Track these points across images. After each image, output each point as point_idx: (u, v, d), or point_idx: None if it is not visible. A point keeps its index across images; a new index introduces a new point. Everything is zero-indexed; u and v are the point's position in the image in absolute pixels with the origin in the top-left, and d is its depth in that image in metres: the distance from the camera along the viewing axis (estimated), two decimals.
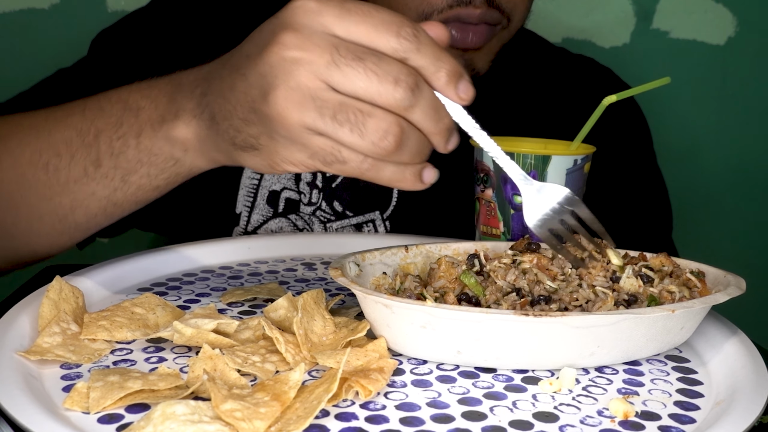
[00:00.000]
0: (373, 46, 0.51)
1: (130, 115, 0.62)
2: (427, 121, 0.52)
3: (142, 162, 0.62)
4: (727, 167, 1.50)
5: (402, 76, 0.50)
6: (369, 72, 0.50)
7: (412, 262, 0.68)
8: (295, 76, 0.51)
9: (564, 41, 1.44)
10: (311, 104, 0.51)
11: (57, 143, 0.65)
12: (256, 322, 0.60)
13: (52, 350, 0.55)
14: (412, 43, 0.51)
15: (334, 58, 0.50)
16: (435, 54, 0.52)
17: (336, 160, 0.53)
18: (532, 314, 0.52)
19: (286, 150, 0.54)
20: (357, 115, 0.51)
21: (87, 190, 0.65)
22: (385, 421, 0.49)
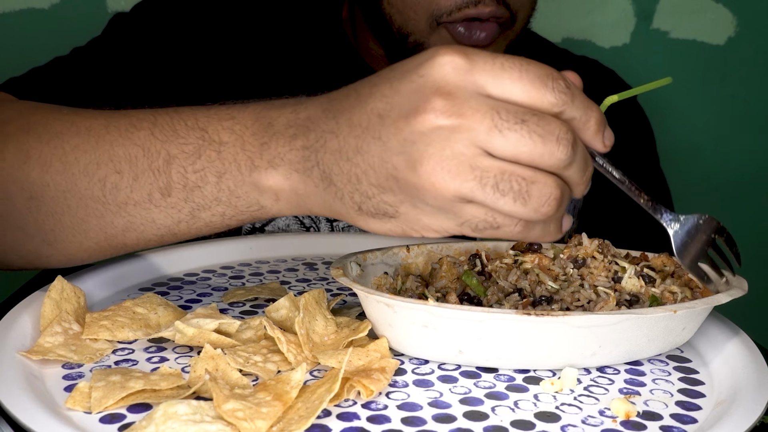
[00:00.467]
0: (532, 104, 0.48)
1: (210, 149, 0.56)
2: (578, 174, 0.50)
3: (219, 201, 0.57)
4: (726, 167, 1.50)
5: (563, 134, 0.48)
6: (533, 134, 0.47)
7: (414, 261, 0.68)
8: (451, 144, 0.47)
9: (564, 41, 1.44)
10: (470, 174, 0.47)
11: (119, 159, 0.59)
12: (258, 322, 0.60)
13: (54, 350, 0.55)
14: (567, 95, 0.48)
15: (495, 123, 0.47)
16: (585, 104, 0.50)
17: (489, 227, 0.50)
18: (533, 314, 0.52)
19: (430, 218, 0.50)
20: (521, 183, 0.48)
21: (147, 216, 0.59)
22: (386, 420, 0.49)
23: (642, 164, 1.04)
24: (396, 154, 0.49)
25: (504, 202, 0.48)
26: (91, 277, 0.70)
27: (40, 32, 1.36)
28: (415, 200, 0.50)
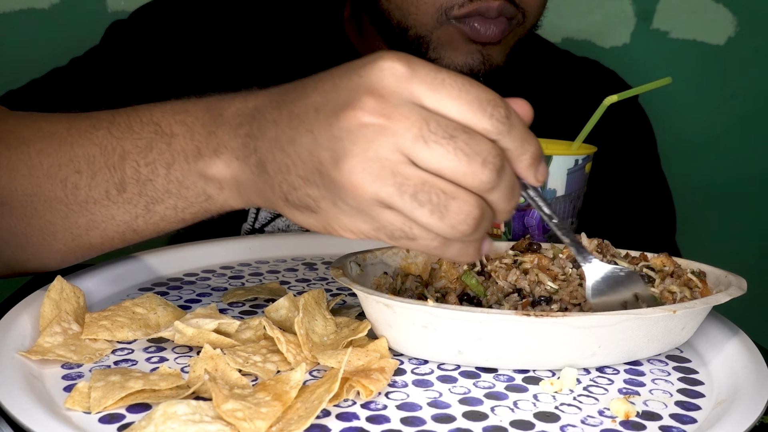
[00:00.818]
0: (465, 123, 0.47)
1: (161, 141, 0.58)
2: (502, 202, 0.50)
3: (170, 193, 0.58)
4: (727, 167, 1.50)
5: (490, 158, 0.47)
6: (459, 152, 0.47)
7: (413, 261, 0.68)
8: (375, 146, 0.47)
9: (564, 41, 1.44)
10: (390, 179, 0.47)
11: (78, 159, 0.61)
12: (257, 322, 0.60)
13: (54, 350, 0.55)
14: (505, 125, 0.48)
15: (422, 133, 0.46)
16: (523, 136, 0.49)
17: (405, 236, 0.49)
18: (533, 314, 0.52)
19: (348, 219, 0.50)
20: (440, 196, 0.47)
21: (106, 213, 0.61)
22: (386, 421, 0.49)
23: (643, 165, 1.05)
24: (324, 149, 0.49)
25: (421, 213, 0.48)
26: (90, 277, 0.70)
27: (40, 32, 1.36)
28: (335, 198, 0.50)
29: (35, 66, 1.35)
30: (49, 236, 0.64)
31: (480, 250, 0.52)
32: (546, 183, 0.73)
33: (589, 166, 0.76)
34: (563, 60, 1.09)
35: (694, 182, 1.50)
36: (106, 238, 0.63)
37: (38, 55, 1.36)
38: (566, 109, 1.01)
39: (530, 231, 0.75)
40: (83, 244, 0.64)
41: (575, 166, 0.74)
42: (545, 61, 1.07)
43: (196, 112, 0.58)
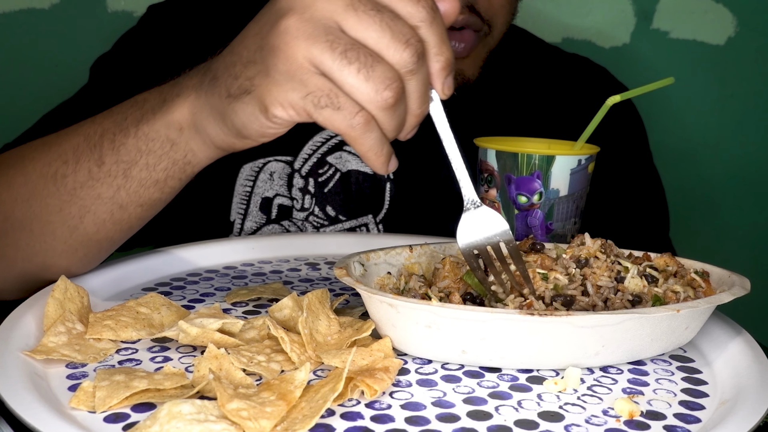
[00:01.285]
0: (391, 5, 0.51)
1: (135, 108, 0.63)
2: (415, 98, 0.53)
3: (140, 151, 0.62)
4: (727, 167, 1.50)
5: (413, 41, 0.51)
6: (384, 25, 0.50)
7: (417, 261, 0.68)
8: (311, 9, 0.50)
9: (564, 41, 1.44)
10: (323, 36, 0.50)
11: (66, 151, 0.66)
12: (261, 322, 0.60)
13: (58, 349, 0.55)
14: (429, 14, 0.51)
15: (353, 2, 0.50)
16: (442, 37, 0.52)
17: (330, 104, 0.51)
18: (537, 314, 0.52)
19: (279, 88, 0.52)
20: (367, 57, 0.50)
21: (93, 193, 0.64)
22: (390, 420, 0.49)
23: (635, 161, 1.04)
24: (266, 24, 0.53)
25: (348, 72, 0.50)
26: (94, 277, 0.70)
27: (40, 32, 1.36)
28: (269, 67, 0.52)
29: (35, 66, 1.35)
30: (50, 237, 0.66)
31: (389, 161, 0.54)
32: (549, 183, 0.73)
33: (592, 166, 0.76)
34: (554, 57, 1.08)
35: (694, 182, 1.50)
36: (98, 222, 0.66)
37: (38, 55, 1.36)
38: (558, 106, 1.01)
39: (533, 231, 0.75)
40: (81, 236, 0.66)
41: (578, 166, 0.74)
42: (535, 58, 1.06)
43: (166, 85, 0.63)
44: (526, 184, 0.74)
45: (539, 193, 0.74)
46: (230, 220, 0.95)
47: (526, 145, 0.79)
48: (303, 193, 0.95)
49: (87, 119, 0.67)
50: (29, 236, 0.67)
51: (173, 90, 0.61)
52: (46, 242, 0.67)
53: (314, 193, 0.95)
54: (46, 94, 0.98)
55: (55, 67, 1.36)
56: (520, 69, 1.04)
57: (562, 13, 1.44)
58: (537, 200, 0.74)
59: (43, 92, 1.06)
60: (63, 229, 0.66)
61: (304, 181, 0.95)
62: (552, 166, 0.73)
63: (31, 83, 1.35)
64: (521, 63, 1.04)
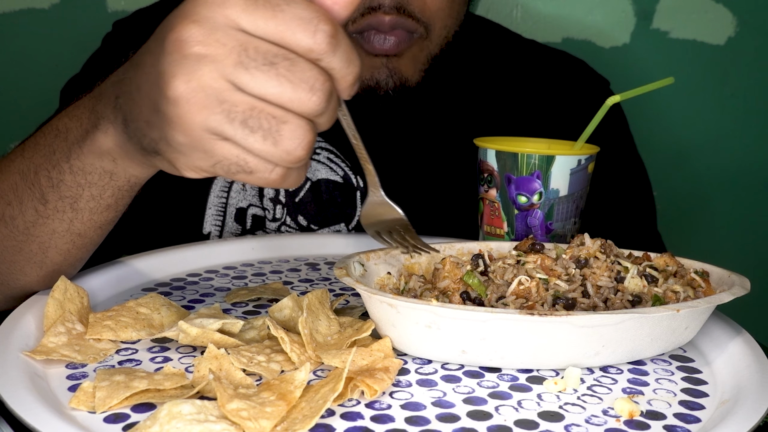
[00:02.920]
0: (285, 45, 0.46)
1: (60, 140, 0.60)
2: (327, 122, 0.50)
3: (80, 185, 0.59)
4: (727, 167, 1.50)
5: (318, 84, 0.47)
6: (282, 78, 0.46)
7: (417, 261, 0.68)
8: (198, 75, 0.46)
9: (564, 41, 1.44)
10: (218, 107, 0.46)
11: (6, 192, 0.63)
12: (261, 322, 0.60)
13: (58, 350, 0.55)
14: (330, 44, 0.47)
15: (242, 59, 0.46)
16: (348, 57, 0.48)
17: (242, 170, 0.49)
18: (537, 314, 0.52)
19: (186, 157, 0.49)
20: (270, 121, 0.47)
21: (47, 230, 0.62)
22: (390, 420, 0.49)
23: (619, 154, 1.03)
24: (155, 87, 0.48)
25: (254, 140, 0.47)
26: (94, 278, 0.70)
27: (40, 32, 1.36)
28: (169, 137, 0.49)
29: (35, 66, 1.35)
30: (20, 273, 0.66)
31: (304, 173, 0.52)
32: (549, 183, 0.73)
33: (591, 166, 0.76)
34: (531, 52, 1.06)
35: (694, 182, 1.49)
36: (62, 252, 0.64)
37: (38, 55, 1.36)
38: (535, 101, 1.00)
39: (533, 231, 0.75)
40: (49, 266, 0.65)
41: (578, 166, 0.74)
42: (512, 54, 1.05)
43: (85, 102, 0.59)
44: (526, 184, 0.74)
45: (539, 193, 0.74)
46: (203, 232, 0.95)
47: (526, 145, 0.79)
48: (274, 203, 0.94)
49: (17, 150, 0.64)
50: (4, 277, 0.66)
51: (91, 120, 0.58)
52: (19, 278, 0.66)
53: (285, 203, 0.95)
54: (46, 94, 0.98)
55: (55, 67, 1.35)
56: (499, 66, 1.03)
57: (562, 13, 1.44)
58: (537, 200, 0.74)
59: (43, 92, 1.06)
60: (30, 265, 0.65)
61: (274, 191, 0.95)
62: (552, 166, 0.73)
63: (31, 83, 1.35)
64: (500, 60, 1.03)
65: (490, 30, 1.05)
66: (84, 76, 0.97)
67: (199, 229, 0.94)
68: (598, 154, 0.76)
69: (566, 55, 1.08)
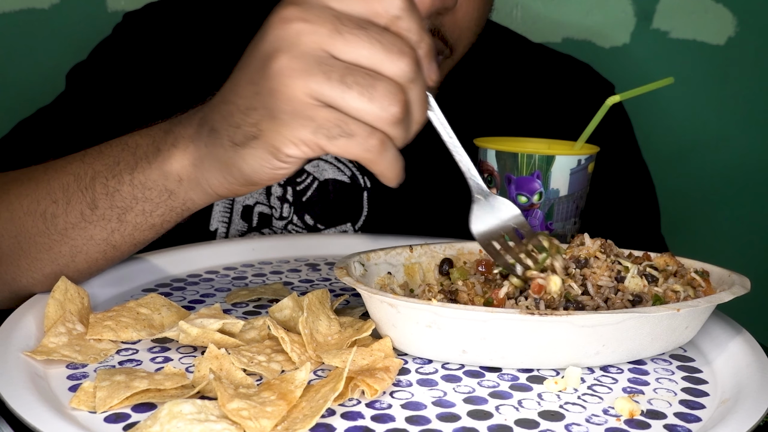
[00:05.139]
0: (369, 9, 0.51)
1: (127, 153, 0.62)
2: (418, 105, 0.52)
3: (136, 198, 0.61)
4: (727, 167, 1.50)
5: (407, 49, 0.51)
6: (373, 41, 0.50)
7: (417, 261, 0.68)
8: (297, 45, 0.50)
9: (564, 41, 1.44)
10: (317, 69, 0.50)
11: (55, 190, 0.64)
12: (262, 322, 0.60)
13: (58, 350, 0.55)
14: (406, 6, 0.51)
15: (337, 27, 0.50)
16: (421, 24, 0.52)
17: (342, 133, 0.51)
18: (537, 313, 0.52)
19: (287, 128, 0.52)
20: (365, 78, 0.50)
21: (85, 234, 0.64)
22: (391, 420, 0.49)
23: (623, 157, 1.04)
24: (256, 71, 0.52)
25: (351, 97, 0.50)
26: (94, 278, 0.70)
27: (40, 32, 1.36)
28: (272, 110, 0.52)
29: (35, 66, 1.35)
30: (38, 273, 0.66)
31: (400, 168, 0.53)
32: (549, 183, 0.73)
33: (591, 166, 0.76)
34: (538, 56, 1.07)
35: (694, 182, 1.49)
36: (90, 260, 0.65)
37: (38, 55, 1.36)
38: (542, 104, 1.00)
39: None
40: (70, 272, 0.66)
41: (578, 166, 0.74)
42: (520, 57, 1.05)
43: (160, 125, 0.61)
44: (526, 184, 0.74)
45: (539, 193, 0.74)
46: (210, 229, 0.95)
47: (526, 145, 0.79)
48: (281, 201, 0.95)
49: (76, 155, 0.66)
50: (16, 270, 0.66)
51: (167, 139, 0.60)
52: (34, 277, 0.66)
53: (292, 202, 0.95)
54: (46, 94, 0.98)
55: (55, 67, 1.36)
56: (507, 69, 1.03)
57: (562, 13, 1.44)
58: (537, 200, 0.74)
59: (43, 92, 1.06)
60: (52, 266, 0.65)
61: (282, 190, 0.95)
62: (552, 166, 0.73)
63: (31, 83, 1.35)
64: (508, 63, 1.04)
65: (496, 33, 1.05)
66: (92, 63, 0.97)
67: (206, 226, 0.95)
68: (601, 155, 0.76)
69: (572, 59, 1.08)
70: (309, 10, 0.51)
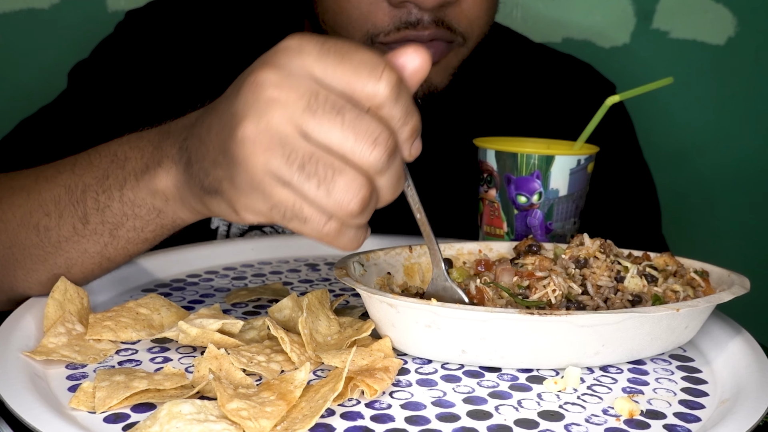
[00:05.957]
0: (351, 89, 0.47)
1: (116, 167, 0.60)
2: (388, 190, 0.50)
3: (127, 215, 0.60)
4: (727, 167, 1.50)
5: (381, 139, 0.47)
6: (346, 126, 0.47)
7: (417, 262, 0.68)
8: (267, 116, 0.47)
9: (564, 41, 1.44)
10: (279, 150, 0.47)
11: (47, 202, 0.63)
12: (261, 322, 0.60)
13: (58, 350, 0.55)
14: (392, 92, 0.47)
15: (310, 104, 0.47)
16: (408, 107, 0.48)
17: (296, 217, 0.49)
18: (536, 313, 0.52)
19: (245, 198, 0.50)
20: (327, 170, 0.47)
21: (79, 248, 0.63)
22: (390, 420, 0.49)
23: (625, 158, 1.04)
24: (226, 126, 0.49)
25: (308, 187, 0.47)
26: None
27: (40, 32, 1.36)
28: (234, 175, 0.49)
29: (35, 66, 1.35)
30: (34, 282, 0.65)
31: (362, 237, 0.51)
32: (549, 183, 0.73)
33: (591, 166, 0.76)
34: (540, 56, 1.07)
35: (694, 182, 1.50)
36: (86, 271, 0.65)
37: (38, 55, 1.36)
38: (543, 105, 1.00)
39: (533, 231, 0.75)
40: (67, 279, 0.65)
41: (577, 166, 0.74)
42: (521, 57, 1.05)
43: (149, 135, 0.60)
44: (526, 184, 0.74)
45: (539, 193, 0.74)
46: (212, 227, 0.95)
47: (526, 145, 0.79)
48: None
49: (66, 163, 0.64)
50: (12, 279, 0.66)
51: (154, 156, 0.58)
52: (31, 285, 0.66)
53: None
54: (46, 94, 0.98)
55: (55, 67, 1.36)
56: (508, 69, 1.03)
57: (562, 13, 1.44)
58: (536, 200, 0.74)
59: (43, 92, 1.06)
60: (49, 275, 0.65)
61: None
62: (551, 166, 0.73)
63: (31, 83, 1.35)
64: (509, 63, 1.03)
65: (497, 32, 1.05)
66: (94, 62, 0.97)
67: (207, 224, 0.95)
68: (603, 155, 0.76)
69: (573, 59, 1.08)
70: (286, 79, 0.47)
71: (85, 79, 0.95)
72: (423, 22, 0.78)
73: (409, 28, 0.78)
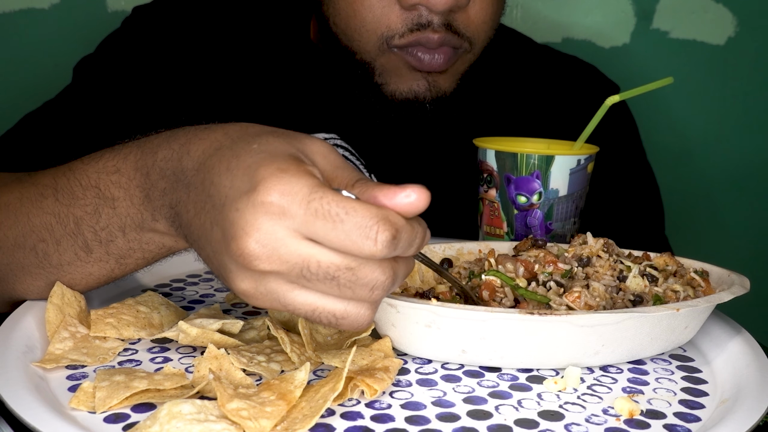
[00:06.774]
0: (347, 252, 0.46)
1: (106, 207, 0.59)
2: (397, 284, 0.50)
3: (134, 249, 0.60)
4: (727, 167, 1.50)
5: (379, 284, 0.47)
6: (343, 288, 0.47)
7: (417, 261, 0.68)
8: (264, 282, 0.47)
9: (564, 41, 1.44)
10: (278, 304, 0.48)
11: (39, 229, 0.62)
12: (261, 322, 0.60)
13: (66, 355, 0.55)
14: (390, 246, 0.46)
15: (304, 274, 0.46)
16: (410, 239, 0.47)
17: None
18: (536, 313, 0.52)
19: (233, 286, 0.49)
20: (330, 319, 0.48)
21: (84, 271, 0.62)
22: (390, 419, 0.49)
23: (628, 159, 1.04)
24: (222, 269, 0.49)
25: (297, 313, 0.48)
26: None
27: (40, 32, 1.36)
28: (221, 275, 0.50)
29: (35, 66, 1.35)
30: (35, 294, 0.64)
31: None
32: (549, 183, 0.73)
33: (591, 166, 0.76)
34: (544, 57, 1.07)
35: (694, 182, 1.50)
36: (90, 287, 0.64)
37: (38, 55, 1.36)
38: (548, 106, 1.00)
39: (533, 231, 0.75)
40: None
41: (577, 166, 0.74)
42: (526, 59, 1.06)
43: (128, 172, 0.58)
44: (526, 184, 0.74)
45: (539, 193, 0.74)
46: None
47: (526, 145, 0.79)
48: None
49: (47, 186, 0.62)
50: (11, 292, 0.65)
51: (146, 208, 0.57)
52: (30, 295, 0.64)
53: None
54: (46, 94, 0.98)
55: (55, 67, 1.36)
56: (511, 70, 1.03)
57: (562, 13, 1.44)
58: (536, 200, 0.74)
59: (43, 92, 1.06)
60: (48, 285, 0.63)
61: None
62: (551, 166, 0.73)
63: (31, 83, 1.35)
64: (513, 64, 1.04)
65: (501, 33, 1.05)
66: (100, 57, 0.97)
67: None
68: (606, 155, 0.76)
69: (577, 60, 1.08)
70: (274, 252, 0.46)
71: (91, 74, 0.95)
72: (433, 24, 0.79)
73: (420, 30, 0.80)
